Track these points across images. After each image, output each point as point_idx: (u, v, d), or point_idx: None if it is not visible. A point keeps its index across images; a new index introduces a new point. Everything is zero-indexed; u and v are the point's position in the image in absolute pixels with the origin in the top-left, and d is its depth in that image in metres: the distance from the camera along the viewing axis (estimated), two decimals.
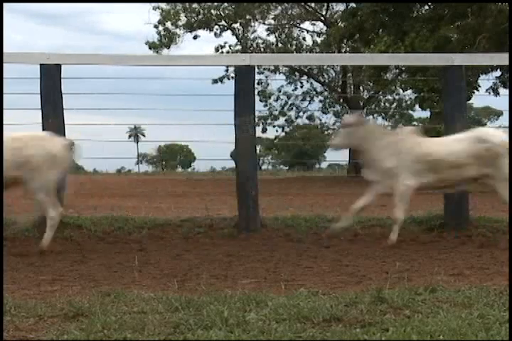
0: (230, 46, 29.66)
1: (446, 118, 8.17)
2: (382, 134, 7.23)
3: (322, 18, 29.81)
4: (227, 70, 27.85)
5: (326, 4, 29.05)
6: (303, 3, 29.02)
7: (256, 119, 8.22)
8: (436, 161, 7.02)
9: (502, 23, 18.52)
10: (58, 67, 7.73)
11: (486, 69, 20.87)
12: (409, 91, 25.98)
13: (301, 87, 31.14)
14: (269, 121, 30.60)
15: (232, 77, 20.82)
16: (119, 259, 6.22)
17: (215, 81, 27.77)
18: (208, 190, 13.52)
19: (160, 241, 7.34)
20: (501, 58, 8.54)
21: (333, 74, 31.09)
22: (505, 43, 16.55)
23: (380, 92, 29.52)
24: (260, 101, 29.57)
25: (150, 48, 27.54)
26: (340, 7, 27.87)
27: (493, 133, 7.24)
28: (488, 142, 7.00)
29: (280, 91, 30.84)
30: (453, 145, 7.11)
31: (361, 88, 31.19)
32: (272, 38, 30.18)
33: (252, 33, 30.24)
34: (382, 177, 7.12)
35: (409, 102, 31.06)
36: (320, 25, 30.32)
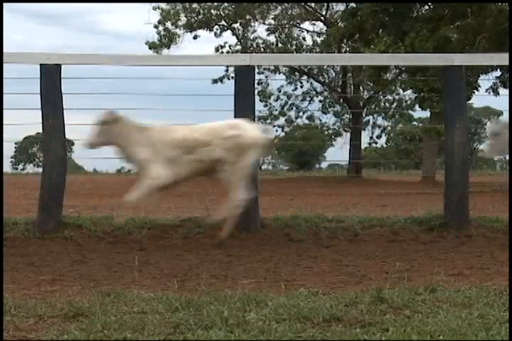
0: (230, 46, 29.66)
1: (446, 118, 8.17)
2: (136, 130, 7.11)
3: (322, 18, 29.79)
4: (227, 70, 27.85)
5: (326, 4, 29.03)
6: (303, 3, 29.01)
7: (256, 119, 8.20)
8: (183, 141, 7.01)
9: (502, 23, 18.53)
10: (58, 67, 7.72)
11: (486, 69, 20.88)
12: (409, 91, 25.99)
13: (301, 87, 31.14)
14: (269, 121, 30.58)
15: (232, 77, 20.85)
16: (119, 259, 6.22)
17: (215, 81, 27.77)
18: (208, 190, 13.51)
19: (160, 241, 7.34)
20: (501, 58, 8.53)
21: (333, 74, 31.07)
22: (505, 43, 16.56)
23: (380, 92, 29.50)
24: (260, 101, 29.56)
25: (150, 48, 27.53)
26: (340, 7, 27.87)
27: (248, 125, 7.17)
28: (239, 130, 7.03)
29: (280, 92, 30.83)
30: (201, 127, 7.20)
31: (361, 88, 31.17)
32: (272, 38, 30.18)
33: (252, 33, 30.24)
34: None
35: (409, 102, 31.03)
36: (320, 25, 30.32)
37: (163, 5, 27.56)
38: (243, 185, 6.98)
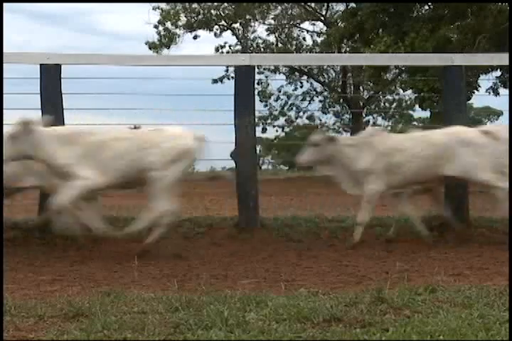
0: (230, 46, 29.63)
1: (446, 118, 8.17)
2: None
3: (322, 18, 29.77)
4: (227, 70, 27.82)
5: (326, 4, 29.01)
6: (303, 3, 29.00)
7: (256, 119, 8.21)
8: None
9: (502, 23, 18.51)
10: (58, 67, 7.73)
11: (486, 69, 20.85)
12: (409, 92, 25.94)
13: (301, 87, 31.10)
14: (269, 121, 30.58)
15: (232, 77, 20.80)
16: (119, 259, 6.22)
17: (215, 81, 27.74)
18: (208, 190, 13.51)
19: (160, 241, 7.32)
20: (501, 58, 8.53)
21: (333, 74, 31.04)
22: (505, 43, 16.54)
23: (380, 92, 29.49)
24: (260, 101, 29.53)
25: (150, 48, 27.48)
26: (340, 7, 27.83)
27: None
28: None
29: (280, 92, 30.80)
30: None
31: (361, 88, 31.14)
32: (271, 38, 30.14)
33: (252, 33, 30.21)
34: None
35: (409, 102, 31.03)
36: (320, 25, 30.29)
37: (163, 5, 27.53)
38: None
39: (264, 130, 29.96)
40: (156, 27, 27.67)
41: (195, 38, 28.65)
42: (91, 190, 6.45)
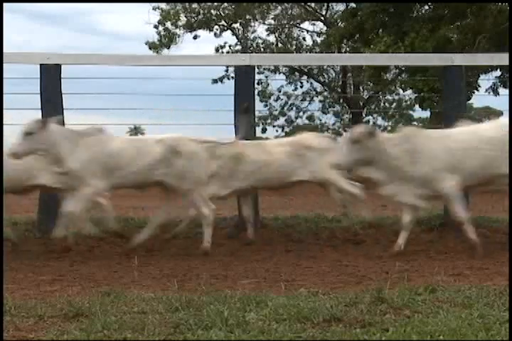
0: (230, 46, 29.62)
1: (446, 118, 8.16)
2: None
3: (322, 18, 29.77)
4: (227, 70, 27.80)
5: (326, 4, 29.00)
6: (303, 3, 28.99)
7: (256, 119, 8.21)
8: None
9: (502, 23, 18.52)
10: (58, 67, 7.73)
11: (486, 69, 20.86)
12: (409, 92, 25.93)
13: (301, 87, 31.08)
14: (269, 121, 30.57)
15: (232, 77, 20.81)
16: (119, 259, 6.22)
17: (215, 81, 27.74)
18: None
19: (160, 241, 7.33)
20: (501, 58, 8.53)
21: (333, 74, 31.03)
22: (505, 43, 16.55)
23: (380, 92, 29.48)
24: (260, 101, 29.52)
25: (150, 48, 27.46)
26: (340, 7, 27.82)
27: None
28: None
29: (280, 92, 30.78)
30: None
31: (361, 88, 31.12)
32: (271, 38, 30.12)
33: (252, 33, 30.19)
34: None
35: (409, 102, 31.01)
36: (320, 25, 30.26)
37: (163, 5, 27.52)
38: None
39: (264, 130, 29.94)
40: (156, 27, 27.66)
41: (195, 38, 28.64)
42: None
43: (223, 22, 29.06)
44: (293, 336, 3.29)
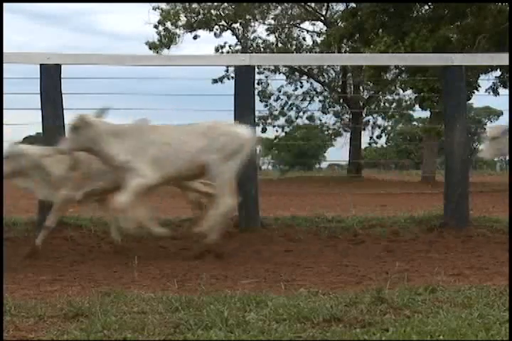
0: (230, 46, 29.67)
1: (446, 118, 8.17)
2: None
3: (322, 18, 29.80)
4: (227, 70, 27.85)
5: (326, 4, 29.04)
6: (303, 3, 29.02)
7: (256, 119, 8.21)
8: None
9: (502, 23, 18.55)
10: (58, 67, 7.73)
11: (486, 69, 20.90)
12: (409, 92, 26.00)
13: (301, 87, 31.14)
14: (269, 121, 30.60)
15: (232, 77, 20.82)
16: (119, 259, 6.22)
17: (215, 81, 27.78)
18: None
19: (160, 241, 7.33)
20: (501, 58, 8.53)
21: (333, 74, 31.08)
22: (505, 43, 16.57)
23: (380, 92, 29.51)
24: (260, 101, 29.57)
25: (150, 48, 27.51)
26: (340, 7, 27.87)
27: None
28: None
29: (280, 92, 30.84)
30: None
31: (361, 88, 31.17)
32: (271, 38, 30.19)
33: (252, 33, 30.25)
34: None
35: (409, 102, 31.05)
36: (320, 25, 30.33)
37: (163, 5, 27.57)
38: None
39: (264, 130, 29.98)
40: (156, 27, 27.70)
41: (195, 38, 28.68)
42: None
43: (223, 22, 29.10)
44: (293, 336, 3.29)
